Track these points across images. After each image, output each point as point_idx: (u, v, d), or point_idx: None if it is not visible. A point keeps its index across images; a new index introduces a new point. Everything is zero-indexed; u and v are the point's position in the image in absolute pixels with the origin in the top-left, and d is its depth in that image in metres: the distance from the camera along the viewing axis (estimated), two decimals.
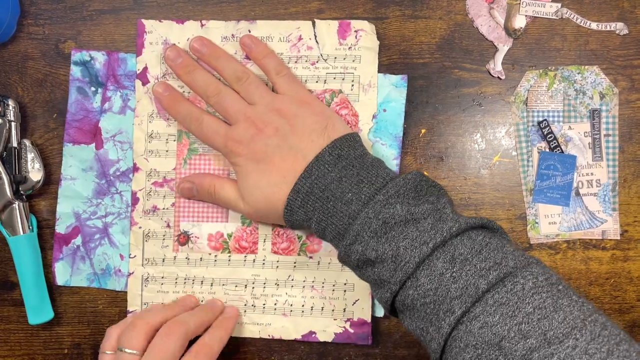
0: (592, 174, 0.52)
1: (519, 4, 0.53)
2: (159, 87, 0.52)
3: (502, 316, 0.37)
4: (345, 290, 0.53)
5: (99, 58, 0.54)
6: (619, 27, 0.52)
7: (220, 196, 0.50)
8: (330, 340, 0.52)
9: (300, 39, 0.52)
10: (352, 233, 0.43)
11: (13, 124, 0.53)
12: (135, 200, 0.53)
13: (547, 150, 0.52)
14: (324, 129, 0.47)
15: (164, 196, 0.53)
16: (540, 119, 0.53)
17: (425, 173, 0.52)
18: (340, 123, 0.48)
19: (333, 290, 0.53)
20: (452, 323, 0.39)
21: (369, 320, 0.52)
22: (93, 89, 0.54)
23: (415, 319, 0.41)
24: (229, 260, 0.53)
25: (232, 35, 0.53)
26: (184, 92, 0.53)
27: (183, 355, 0.46)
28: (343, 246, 0.44)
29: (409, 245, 0.41)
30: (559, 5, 0.53)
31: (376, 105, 0.52)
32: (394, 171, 0.46)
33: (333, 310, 0.53)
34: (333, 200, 0.44)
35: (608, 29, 0.53)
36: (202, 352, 0.47)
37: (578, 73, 0.52)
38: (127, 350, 0.46)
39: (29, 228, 0.53)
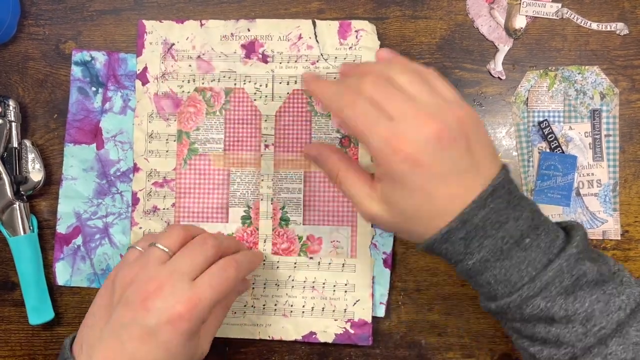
0: (592, 174, 0.52)
1: (520, 4, 0.53)
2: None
3: None
4: (345, 291, 0.52)
5: (100, 58, 0.54)
6: (620, 27, 0.52)
7: (345, 186, 0.43)
8: (330, 341, 0.52)
9: (300, 37, 0.52)
10: (538, 285, 0.38)
11: (14, 124, 0.53)
12: (135, 200, 0.53)
13: (548, 150, 0.52)
14: (495, 154, 0.41)
15: (164, 196, 0.53)
16: (541, 119, 0.52)
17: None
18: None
19: (334, 290, 0.53)
20: None
21: (370, 320, 0.52)
22: (94, 89, 0.54)
23: None
24: None
25: (232, 34, 0.53)
26: (183, 92, 0.53)
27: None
28: (519, 297, 0.38)
29: (603, 308, 0.38)
30: (560, 5, 0.53)
31: None
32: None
33: (333, 310, 0.52)
34: (510, 243, 0.38)
35: (608, 29, 0.52)
36: (231, 265, 0.44)
37: (578, 73, 0.52)
38: (158, 245, 0.44)
39: (30, 228, 0.53)
